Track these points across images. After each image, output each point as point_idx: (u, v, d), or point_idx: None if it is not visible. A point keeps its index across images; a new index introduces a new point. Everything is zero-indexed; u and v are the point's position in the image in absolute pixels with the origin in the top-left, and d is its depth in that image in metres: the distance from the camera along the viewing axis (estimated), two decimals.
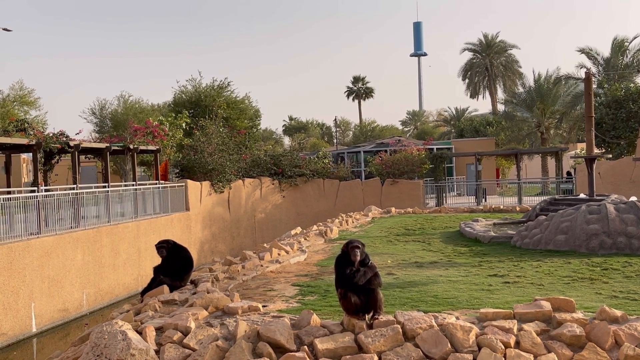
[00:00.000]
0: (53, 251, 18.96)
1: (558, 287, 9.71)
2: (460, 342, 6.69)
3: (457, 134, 64.98)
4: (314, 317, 7.36)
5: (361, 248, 7.18)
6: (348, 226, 20.68)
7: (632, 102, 33.52)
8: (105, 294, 21.51)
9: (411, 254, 13.86)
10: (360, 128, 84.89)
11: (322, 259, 13.72)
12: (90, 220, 21.85)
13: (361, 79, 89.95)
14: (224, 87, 41.93)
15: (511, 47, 68.16)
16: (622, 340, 6.58)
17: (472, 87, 70.10)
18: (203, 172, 30.99)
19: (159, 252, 10.17)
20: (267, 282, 11.11)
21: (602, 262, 11.71)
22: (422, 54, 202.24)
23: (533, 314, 7.20)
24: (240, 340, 6.94)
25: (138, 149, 27.79)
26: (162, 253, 10.15)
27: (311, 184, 35.53)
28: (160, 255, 10.20)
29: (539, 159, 48.46)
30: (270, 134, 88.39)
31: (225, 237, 31.48)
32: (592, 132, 19.52)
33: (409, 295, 9.27)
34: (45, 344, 17.60)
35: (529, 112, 48.33)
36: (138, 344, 6.85)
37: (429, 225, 20.14)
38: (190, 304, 8.50)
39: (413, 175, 35.44)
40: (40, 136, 22.24)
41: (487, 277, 10.73)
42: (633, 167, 28.89)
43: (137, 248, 23.77)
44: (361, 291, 7.07)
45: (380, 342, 6.75)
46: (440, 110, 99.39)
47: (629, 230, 13.04)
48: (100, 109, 39.93)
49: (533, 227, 14.79)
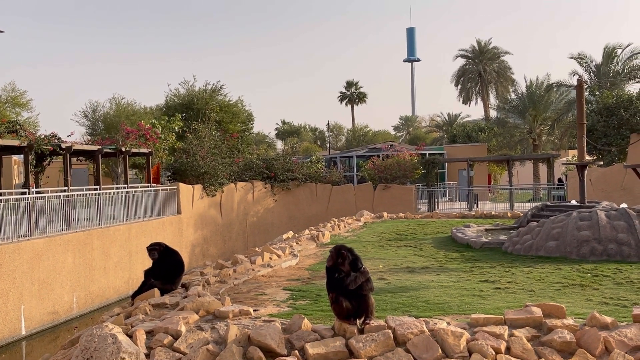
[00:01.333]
0: (43, 253, 18.87)
1: (549, 293, 9.74)
2: (451, 347, 6.69)
3: (449, 140, 65.13)
4: (305, 321, 7.35)
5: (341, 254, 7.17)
6: (340, 231, 20.68)
7: (624, 110, 33.70)
8: (96, 297, 21.41)
9: (403, 259, 13.87)
10: (353, 133, 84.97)
11: (313, 264, 13.71)
12: (81, 222, 21.77)
13: (354, 83, 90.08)
14: (217, 90, 41.92)
15: (504, 54, 68.50)
16: (612, 347, 6.61)
17: (464, 93, 70.32)
18: (195, 176, 30.93)
19: (151, 255, 10.13)
20: (258, 286, 11.09)
21: (592, 269, 11.75)
22: (415, 59, 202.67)
23: (524, 320, 7.22)
24: (231, 344, 6.92)
25: (130, 151, 27.72)
26: (154, 255, 10.11)
27: (303, 188, 35.51)
28: (152, 257, 10.16)
29: (531, 165, 48.62)
30: (263, 138, 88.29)
31: (217, 240, 31.42)
32: (584, 139, 19.61)
33: (401, 300, 9.27)
34: (35, 347, 17.50)
35: (521, 119, 48.49)
36: (128, 348, 6.82)
37: (420, 230, 20.16)
38: (181, 307, 8.48)
39: (405, 180, 35.50)
40: (32, 138, 22.15)
41: (478, 282, 10.75)
42: (624, 174, 29.02)
43: (128, 251, 23.68)
44: (353, 296, 7.06)
45: (371, 347, 6.75)
46: (433, 115, 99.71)
47: (619, 237, 13.09)
48: (92, 112, 39.77)
49: (524, 233, 14.83)
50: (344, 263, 7.13)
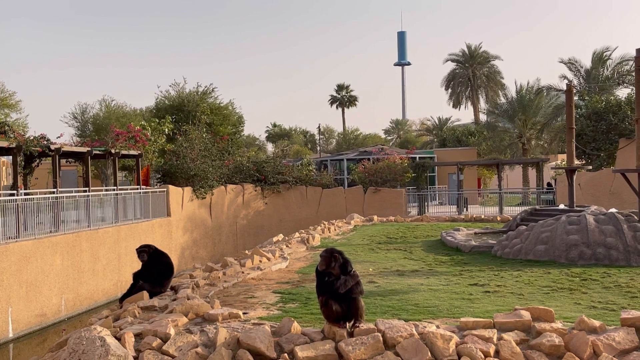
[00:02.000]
0: (32, 255, 18.75)
1: (538, 297, 9.77)
2: (441, 351, 6.70)
3: (439, 144, 65.34)
4: (295, 324, 7.34)
5: (333, 257, 7.18)
6: (330, 234, 20.68)
7: (613, 115, 33.91)
8: (84, 300, 21.30)
9: (393, 262, 13.88)
10: (343, 136, 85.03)
11: (303, 267, 13.69)
12: (70, 224, 21.66)
13: (345, 87, 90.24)
14: (208, 92, 41.85)
15: (494, 58, 68.81)
16: (600, 351, 6.63)
17: (454, 97, 70.54)
18: (185, 178, 30.86)
19: (140, 257, 10.08)
20: (248, 289, 11.06)
21: (581, 273, 11.80)
22: (405, 63, 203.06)
23: (513, 324, 7.23)
24: (220, 347, 6.90)
25: (120, 153, 27.62)
26: (143, 257, 10.06)
27: (294, 191, 35.49)
28: (141, 259, 10.10)
29: (520, 170, 48.89)
30: (253, 141, 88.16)
31: (207, 243, 31.34)
32: (573, 144, 19.70)
33: (390, 303, 9.28)
34: (22, 350, 17.38)
35: (510, 123, 48.75)
36: (116, 350, 6.78)
37: (410, 233, 20.19)
38: (170, 310, 8.44)
39: (395, 183, 35.55)
40: (21, 139, 22.02)
41: (467, 286, 10.77)
42: (612, 179, 29.18)
43: (117, 253, 23.58)
44: (342, 299, 7.05)
45: (360, 351, 6.74)
46: (423, 119, 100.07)
47: (608, 242, 13.16)
48: (81, 113, 39.58)
49: (513, 237, 14.88)
50: (334, 266, 7.14)
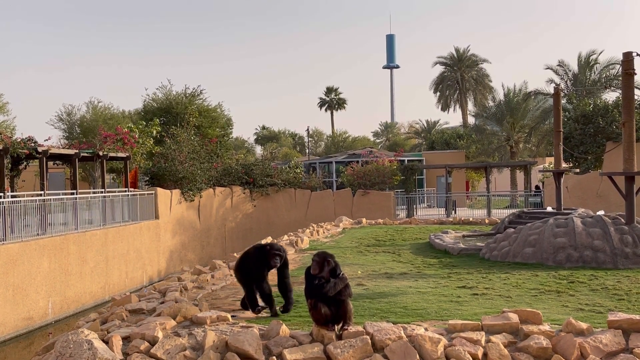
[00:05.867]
0: (18, 258, 18.61)
1: (525, 299, 9.81)
2: (429, 353, 6.71)
3: (428, 146, 65.48)
4: (283, 327, 7.33)
5: (326, 261, 7.20)
6: (319, 236, 20.67)
7: (600, 118, 34.11)
8: (72, 303, 21.16)
9: (381, 265, 13.89)
10: (332, 139, 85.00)
11: (292, 269, 13.62)
12: (58, 227, 21.51)
13: (334, 89, 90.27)
14: (197, 95, 41.75)
15: (482, 62, 69.08)
16: (587, 353, 6.67)
17: (443, 100, 70.74)
18: (173, 180, 30.75)
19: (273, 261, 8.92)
20: (236, 291, 11.03)
21: (568, 275, 11.86)
22: (394, 66, 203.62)
23: (501, 326, 7.26)
24: (209, 350, 6.88)
25: (107, 156, 27.48)
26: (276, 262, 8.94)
27: (282, 194, 35.46)
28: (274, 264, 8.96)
29: (508, 172, 49.08)
30: (242, 143, 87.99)
31: (195, 246, 31.24)
32: (561, 147, 19.83)
33: (379, 306, 9.28)
34: (9, 353, 17.24)
35: (498, 126, 48.96)
36: (104, 354, 6.75)
37: (399, 236, 20.22)
38: (158, 313, 8.41)
39: (384, 186, 35.59)
40: (8, 141, 21.86)
41: (456, 288, 10.79)
42: (600, 182, 29.38)
43: (105, 256, 23.45)
44: (331, 302, 7.06)
45: (349, 353, 6.74)
46: (412, 122, 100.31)
47: (595, 244, 13.23)
48: (67, 115, 39.25)
49: (501, 239, 14.93)
50: (326, 270, 7.16)
